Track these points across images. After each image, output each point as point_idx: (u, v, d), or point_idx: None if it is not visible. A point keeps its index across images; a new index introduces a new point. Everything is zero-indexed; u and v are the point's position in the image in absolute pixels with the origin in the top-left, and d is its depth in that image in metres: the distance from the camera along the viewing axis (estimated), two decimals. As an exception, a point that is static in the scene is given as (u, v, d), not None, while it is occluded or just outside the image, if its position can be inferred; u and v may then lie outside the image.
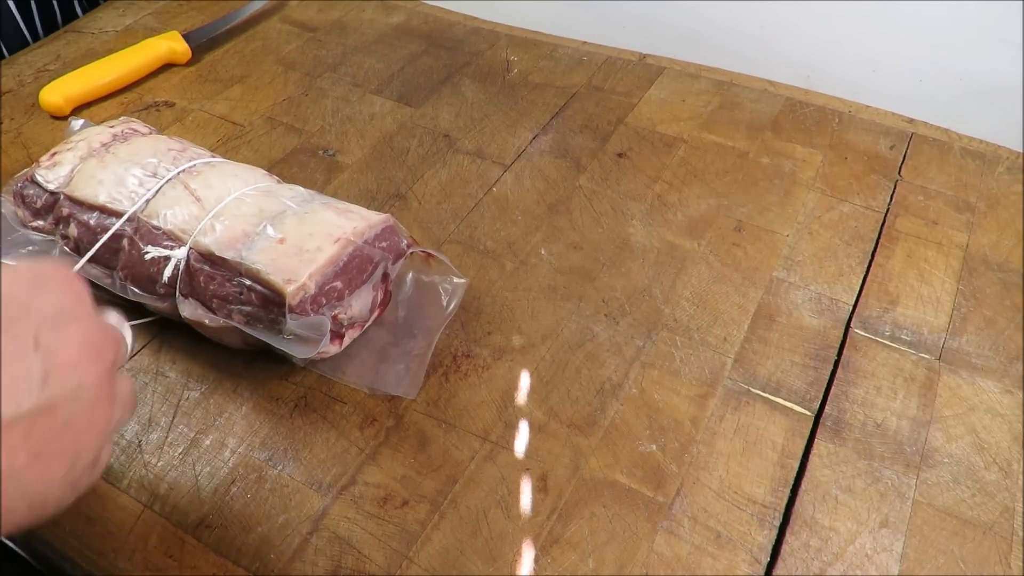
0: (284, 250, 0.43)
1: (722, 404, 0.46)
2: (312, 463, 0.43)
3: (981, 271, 0.54)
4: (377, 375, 0.47)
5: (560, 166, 0.63)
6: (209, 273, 0.44)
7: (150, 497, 0.42)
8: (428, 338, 0.48)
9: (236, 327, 0.44)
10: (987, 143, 0.65)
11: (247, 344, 0.47)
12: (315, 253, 0.43)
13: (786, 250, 0.55)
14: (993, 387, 0.47)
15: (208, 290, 0.44)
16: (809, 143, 0.65)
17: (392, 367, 0.47)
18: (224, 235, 0.44)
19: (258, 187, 0.48)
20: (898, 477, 0.42)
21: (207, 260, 0.44)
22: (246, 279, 0.43)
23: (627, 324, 0.50)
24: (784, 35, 0.75)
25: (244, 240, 0.44)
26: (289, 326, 0.42)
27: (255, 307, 0.43)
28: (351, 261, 0.44)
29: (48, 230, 0.50)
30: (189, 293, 0.45)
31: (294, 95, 0.71)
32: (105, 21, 0.81)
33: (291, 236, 0.44)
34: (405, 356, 0.48)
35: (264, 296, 0.43)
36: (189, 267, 0.44)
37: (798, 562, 0.39)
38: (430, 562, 0.39)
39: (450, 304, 0.50)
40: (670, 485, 0.42)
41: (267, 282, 0.42)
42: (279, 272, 0.42)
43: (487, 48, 0.77)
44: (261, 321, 0.43)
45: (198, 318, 0.45)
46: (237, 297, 0.44)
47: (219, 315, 0.44)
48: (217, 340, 0.47)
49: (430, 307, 0.50)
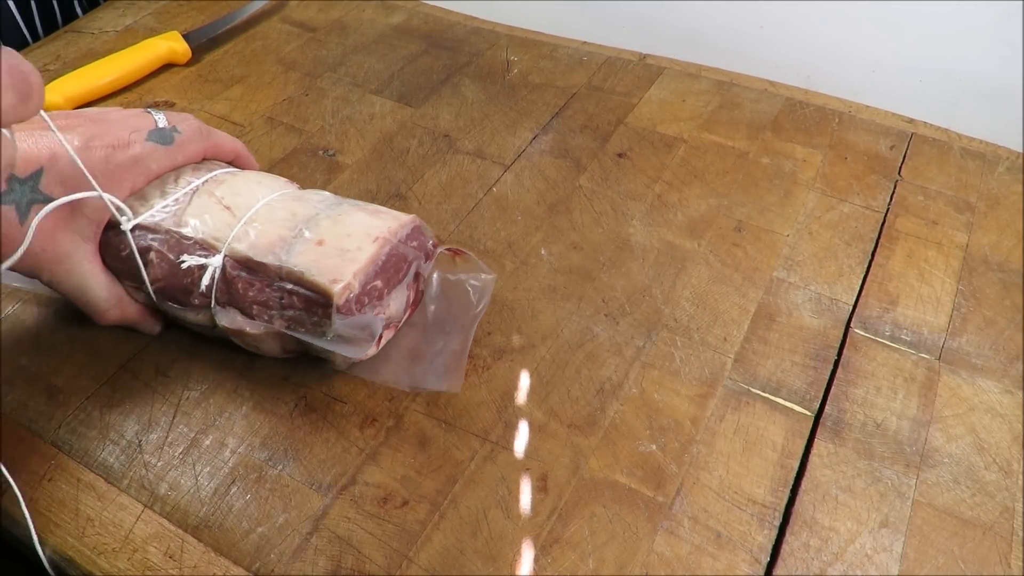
0: (324, 251, 0.43)
1: (722, 404, 0.46)
2: (312, 463, 0.43)
3: (981, 271, 0.54)
4: (415, 374, 0.47)
5: (560, 166, 0.63)
6: (247, 280, 0.43)
7: (150, 497, 0.42)
8: (463, 334, 0.48)
9: (276, 333, 0.44)
10: (987, 143, 0.65)
11: (285, 351, 0.46)
12: (356, 252, 0.43)
13: (786, 250, 0.55)
14: (993, 387, 0.47)
15: (247, 297, 0.43)
16: (809, 143, 0.65)
17: (430, 365, 0.47)
18: (260, 240, 0.44)
19: (284, 193, 0.47)
20: (898, 477, 0.42)
21: (244, 267, 0.44)
22: (287, 283, 0.43)
23: (627, 324, 0.50)
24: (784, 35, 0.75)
25: (281, 244, 0.43)
26: (336, 327, 0.42)
27: (298, 311, 0.43)
28: (388, 260, 0.44)
29: None
30: (227, 302, 0.44)
31: (294, 95, 0.71)
32: (105, 21, 0.82)
33: (329, 237, 0.43)
34: (442, 353, 0.47)
35: (308, 298, 0.42)
36: (225, 275, 0.44)
37: (798, 562, 0.39)
38: (430, 562, 0.39)
39: (480, 301, 0.49)
40: (670, 485, 0.42)
41: (311, 283, 0.42)
42: (323, 273, 0.42)
43: (487, 48, 0.77)
44: (303, 324, 0.43)
45: (238, 326, 0.44)
46: (278, 302, 0.43)
47: (260, 321, 0.44)
48: (253, 349, 0.47)
49: (459, 305, 0.50)
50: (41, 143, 0.41)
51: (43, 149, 0.41)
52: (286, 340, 0.45)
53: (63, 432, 0.45)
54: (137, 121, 0.47)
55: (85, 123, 0.44)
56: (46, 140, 0.41)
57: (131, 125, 0.46)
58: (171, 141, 0.47)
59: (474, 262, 0.51)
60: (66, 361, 0.48)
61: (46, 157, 0.41)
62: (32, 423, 0.45)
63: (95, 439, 0.44)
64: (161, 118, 0.48)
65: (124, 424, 0.45)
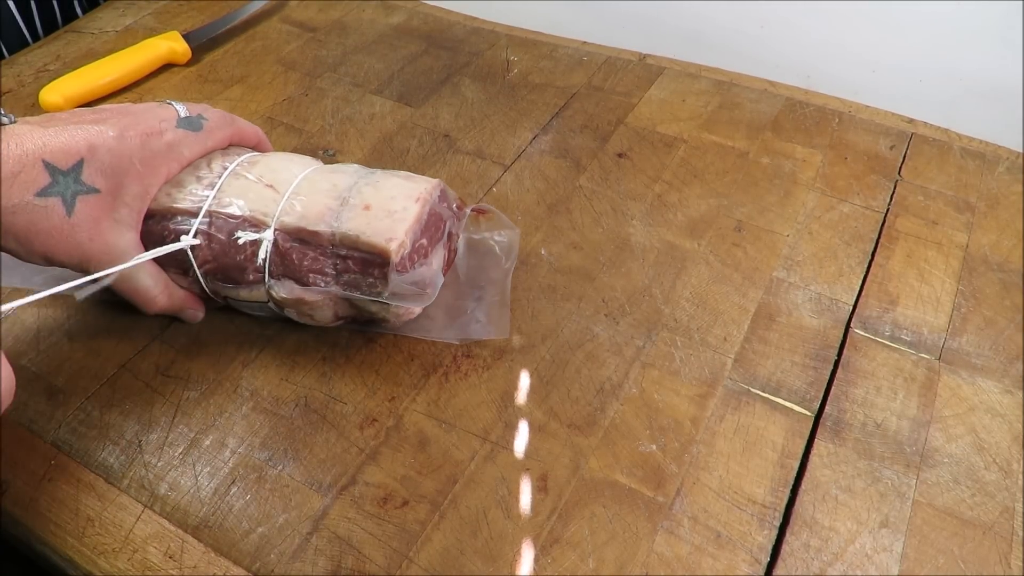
0: (373, 215, 0.44)
1: (722, 404, 0.46)
2: (312, 463, 0.43)
3: (981, 271, 0.54)
4: (460, 326, 0.50)
5: (560, 166, 0.63)
6: (301, 250, 0.45)
7: (150, 497, 0.42)
8: (498, 287, 0.51)
9: (330, 300, 0.46)
10: (987, 143, 0.65)
11: (337, 318, 0.48)
12: (403, 213, 0.44)
13: (786, 250, 0.55)
14: (993, 387, 0.47)
15: (303, 266, 0.45)
16: (809, 143, 0.65)
17: (472, 317, 0.50)
18: (309, 212, 0.45)
19: (317, 168, 0.49)
20: (898, 477, 0.42)
21: (296, 238, 0.45)
22: (342, 248, 0.44)
23: (627, 324, 0.50)
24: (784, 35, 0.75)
25: (329, 213, 0.45)
26: (393, 284, 0.44)
27: (354, 274, 0.44)
28: (429, 219, 0.46)
29: None
30: (282, 274, 0.45)
31: (294, 95, 0.71)
32: (105, 21, 0.81)
33: (374, 202, 0.45)
34: (480, 306, 0.50)
35: (363, 261, 0.44)
36: (278, 248, 0.45)
37: (798, 562, 0.39)
38: (430, 562, 0.39)
39: (508, 256, 0.52)
40: (670, 485, 0.42)
41: (368, 245, 0.43)
42: (377, 234, 0.43)
43: (487, 48, 0.77)
44: (360, 287, 0.45)
45: (296, 296, 0.45)
46: (334, 268, 0.45)
47: (317, 288, 0.45)
48: (307, 319, 0.48)
49: (487, 262, 0.52)
50: (78, 135, 0.42)
51: (80, 141, 0.41)
52: (339, 306, 0.47)
53: (63, 432, 0.45)
54: (162, 111, 0.48)
55: (114, 115, 0.45)
56: (82, 132, 0.42)
57: (158, 115, 0.47)
58: (200, 128, 0.48)
59: (497, 218, 0.53)
60: (66, 361, 0.48)
61: (85, 148, 0.42)
62: (32, 423, 0.45)
63: (95, 439, 0.45)
64: (182, 108, 0.49)
65: (124, 424, 0.45)
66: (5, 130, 0.39)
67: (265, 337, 0.50)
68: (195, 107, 0.50)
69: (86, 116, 0.44)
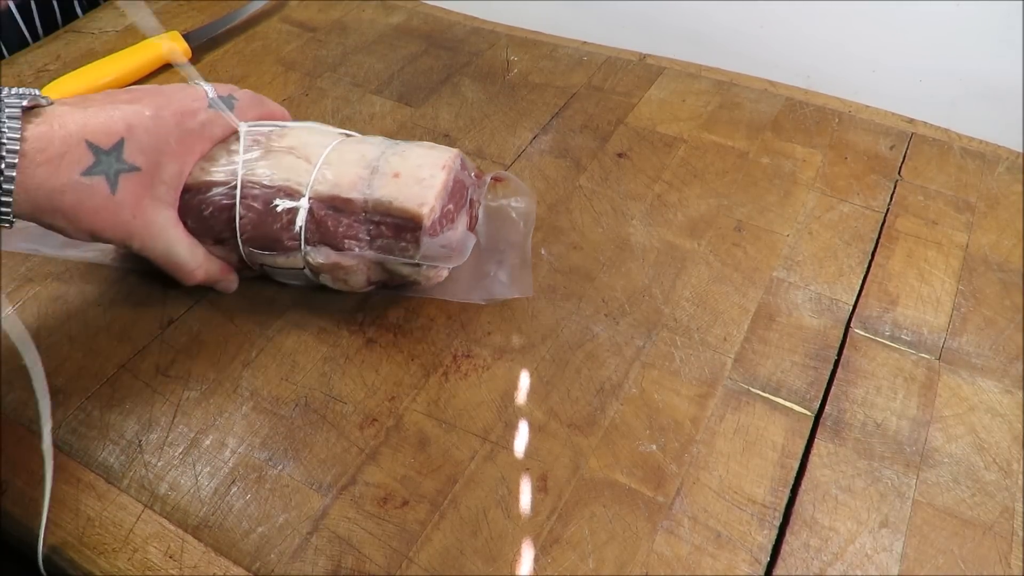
0: (403, 182, 0.46)
1: (722, 404, 0.46)
2: (312, 463, 0.43)
3: (981, 271, 0.54)
4: (484, 287, 0.52)
5: (560, 166, 0.63)
6: (335, 217, 0.47)
7: (150, 497, 0.42)
8: (518, 249, 0.53)
9: (364, 265, 0.48)
10: (987, 143, 0.65)
11: (370, 283, 0.50)
12: (431, 180, 0.46)
13: (786, 250, 0.55)
14: (993, 387, 0.47)
15: (338, 233, 0.47)
16: (809, 143, 0.65)
17: (495, 278, 0.52)
18: (341, 180, 0.47)
19: (343, 139, 0.50)
20: (898, 477, 0.42)
21: (330, 206, 0.47)
22: (375, 215, 0.46)
23: (627, 324, 0.50)
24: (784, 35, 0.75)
25: (361, 182, 0.47)
26: (426, 247, 0.46)
27: (387, 239, 0.47)
28: (455, 186, 0.48)
29: None
30: (318, 240, 0.47)
31: (294, 95, 0.71)
32: (105, 21, 0.81)
33: (403, 170, 0.47)
34: (502, 267, 0.53)
35: (396, 226, 0.46)
36: (313, 216, 0.46)
37: (798, 562, 0.39)
38: (430, 562, 0.39)
39: (526, 221, 0.54)
40: (670, 485, 0.42)
41: (400, 210, 0.46)
42: (409, 200, 0.46)
43: (487, 48, 0.77)
44: (392, 251, 0.47)
45: (333, 260, 0.47)
46: (367, 233, 0.47)
47: (352, 253, 0.47)
48: (341, 284, 0.50)
49: (506, 227, 0.55)
50: (116, 115, 0.43)
51: (119, 120, 0.43)
52: (372, 271, 0.49)
53: (63, 432, 0.45)
54: (192, 91, 0.49)
55: (148, 95, 0.46)
56: (120, 112, 0.43)
57: (189, 95, 0.48)
58: (231, 108, 0.50)
59: (514, 185, 0.55)
60: (66, 361, 0.48)
61: (124, 128, 0.43)
62: (32, 423, 0.45)
63: (95, 439, 0.45)
64: (210, 88, 0.50)
65: (124, 424, 0.45)
66: (47, 112, 0.40)
67: (265, 337, 0.50)
68: (223, 87, 0.51)
69: (120, 96, 0.45)
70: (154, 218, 0.46)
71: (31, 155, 0.38)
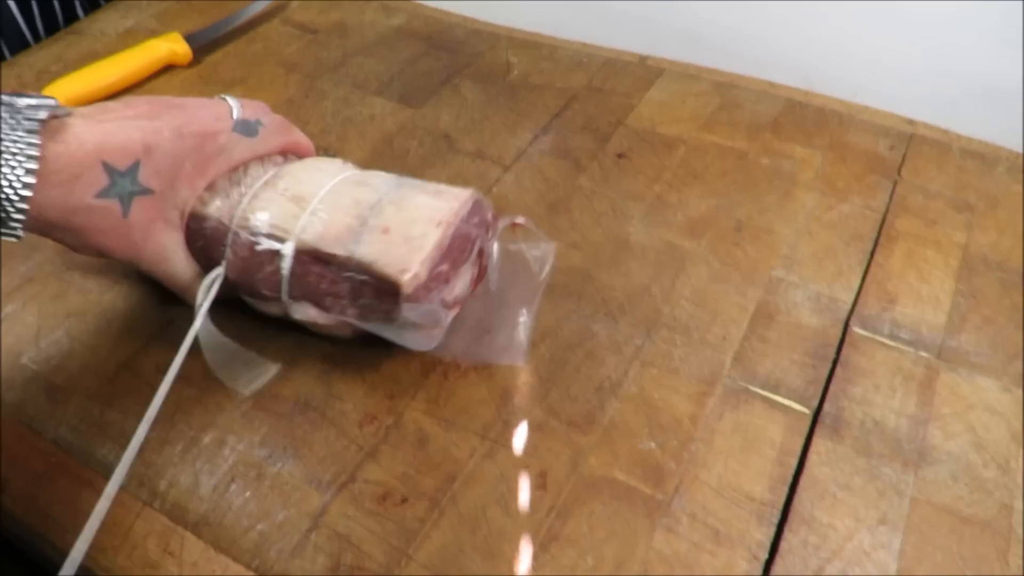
0: (391, 240, 0.43)
1: (721, 402, 0.46)
2: (312, 460, 0.43)
3: (980, 270, 0.54)
4: (480, 348, 0.48)
5: (560, 167, 0.63)
6: (319, 272, 0.44)
7: (149, 494, 0.42)
8: (527, 304, 0.49)
9: (346, 323, 0.45)
10: (987, 143, 0.65)
11: (355, 333, 0.47)
12: (421, 240, 0.43)
13: (785, 250, 0.55)
14: (992, 385, 0.47)
15: (320, 288, 0.44)
16: (809, 143, 0.65)
17: (494, 338, 0.48)
18: (328, 231, 0.44)
19: (345, 177, 0.48)
20: (896, 475, 0.42)
21: (313, 257, 0.44)
22: (359, 273, 0.43)
23: (626, 323, 0.50)
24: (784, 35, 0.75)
25: (349, 234, 0.44)
26: (404, 315, 0.43)
27: (369, 300, 0.44)
28: (453, 243, 0.44)
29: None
30: (300, 295, 0.45)
31: (295, 97, 0.71)
32: (106, 23, 0.82)
33: (394, 225, 0.44)
34: (504, 325, 0.49)
35: (377, 288, 0.43)
36: (296, 270, 0.45)
37: (796, 559, 0.39)
38: (429, 559, 0.39)
39: (542, 270, 0.50)
40: (669, 483, 0.42)
41: (381, 274, 0.42)
42: (391, 264, 0.42)
43: (487, 49, 0.77)
44: (375, 312, 0.44)
45: (311, 319, 0.45)
46: (349, 291, 0.44)
47: (333, 312, 0.45)
48: (327, 333, 0.48)
49: (520, 275, 0.50)
50: (135, 135, 0.42)
51: (137, 141, 0.42)
52: (356, 325, 0.46)
53: (63, 430, 0.45)
54: (216, 108, 0.48)
55: (170, 110, 0.45)
56: (139, 132, 0.42)
57: (213, 113, 0.47)
58: (255, 133, 0.48)
59: (533, 232, 0.51)
60: (66, 359, 0.48)
61: (141, 149, 0.42)
62: (32, 421, 0.45)
63: (95, 437, 0.45)
64: (236, 106, 0.49)
65: (124, 422, 0.45)
66: (64, 127, 0.39)
67: (265, 336, 0.50)
68: (251, 106, 0.50)
69: (141, 108, 0.43)
70: (164, 241, 0.45)
71: (47, 175, 0.37)
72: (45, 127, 0.38)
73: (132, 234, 0.43)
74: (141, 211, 0.43)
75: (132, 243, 0.43)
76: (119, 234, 0.42)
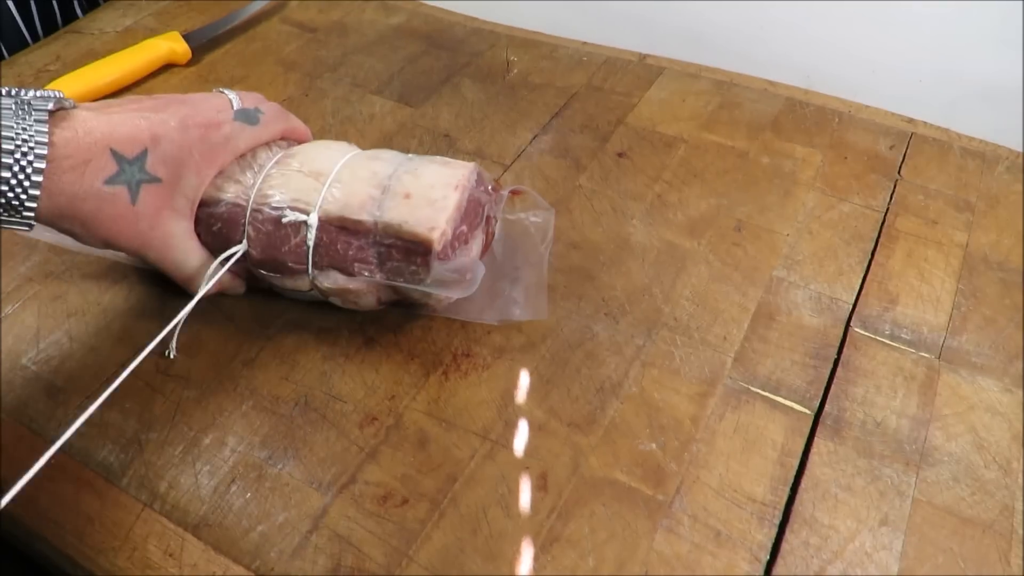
0: (415, 203, 0.45)
1: (722, 403, 0.46)
2: (312, 462, 0.43)
3: (981, 270, 0.54)
4: (499, 307, 0.50)
5: (560, 166, 0.63)
6: (345, 240, 0.45)
7: (150, 495, 0.42)
8: (535, 268, 0.51)
9: (373, 287, 0.47)
10: (987, 143, 0.65)
11: (380, 303, 0.49)
12: (443, 201, 0.45)
13: (786, 249, 0.55)
14: (993, 386, 0.47)
15: (347, 256, 0.46)
16: (809, 143, 0.65)
17: (510, 299, 0.51)
18: (350, 200, 0.46)
19: (355, 154, 0.49)
20: (898, 475, 0.42)
21: (338, 227, 0.46)
22: (384, 237, 0.45)
23: (627, 323, 0.50)
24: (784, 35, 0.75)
25: (371, 202, 0.45)
26: (436, 272, 0.45)
27: (397, 262, 0.45)
28: (468, 205, 0.46)
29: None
30: (327, 264, 0.46)
31: (294, 95, 0.71)
32: (105, 22, 0.82)
33: (414, 190, 0.46)
34: (517, 287, 0.51)
35: (406, 249, 0.45)
36: (322, 239, 0.46)
37: (798, 560, 0.39)
38: (430, 560, 0.39)
39: (544, 237, 0.52)
40: (670, 483, 0.42)
41: (410, 234, 0.44)
42: (419, 223, 0.44)
43: (487, 48, 0.77)
44: (403, 275, 0.46)
45: (340, 285, 0.46)
46: (377, 255, 0.45)
47: (361, 278, 0.46)
48: (352, 305, 0.49)
49: (523, 243, 0.53)
50: (142, 124, 0.42)
51: (144, 130, 0.42)
52: (382, 292, 0.48)
53: (63, 431, 0.45)
54: (217, 101, 0.49)
55: (172, 103, 0.46)
56: (146, 121, 0.43)
57: (214, 105, 0.48)
58: (256, 121, 0.49)
59: (532, 198, 0.53)
60: (66, 360, 0.48)
61: (149, 138, 0.42)
62: (32, 422, 0.45)
63: (95, 438, 0.45)
64: (235, 98, 0.50)
65: (124, 423, 0.45)
66: (72, 116, 0.40)
67: (265, 336, 0.50)
68: (248, 97, 0.51)
69: (145, 103, 0.45)
70: (171, 230, 0.46)
71: (57, 161, 0.38)
72: (53, 116, 0.39)
73: (140, 222, 0.43)
74: (149, 199, 0.43)
75: (139, 231, 0.44)
76: (127, 222, 0.43)
